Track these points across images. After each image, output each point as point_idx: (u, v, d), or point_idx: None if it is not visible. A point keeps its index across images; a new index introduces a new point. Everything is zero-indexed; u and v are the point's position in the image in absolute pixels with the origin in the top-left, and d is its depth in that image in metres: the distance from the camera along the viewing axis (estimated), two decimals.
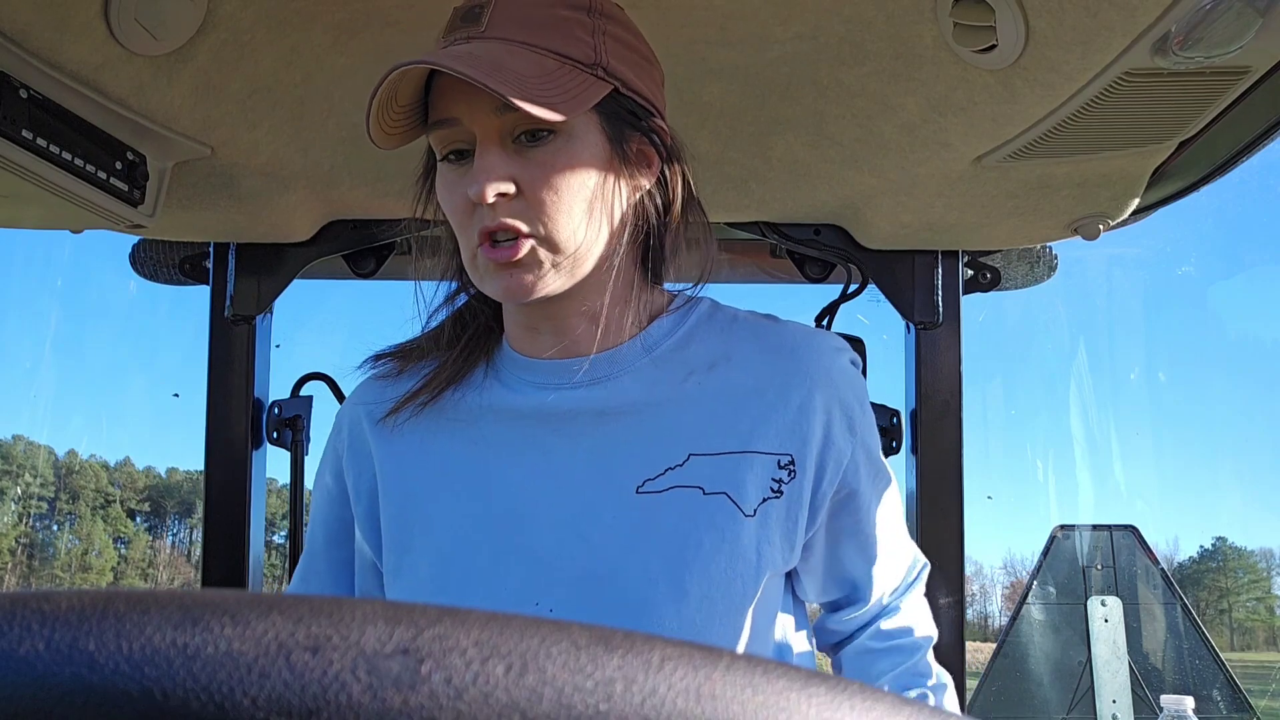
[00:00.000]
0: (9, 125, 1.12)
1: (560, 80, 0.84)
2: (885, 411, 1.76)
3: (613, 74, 0.88)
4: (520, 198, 0.85)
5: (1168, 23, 0.98)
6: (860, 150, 1.42)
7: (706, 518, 0.89)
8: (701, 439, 0.91)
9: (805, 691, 0.25)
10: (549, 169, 0.85)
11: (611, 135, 0.89)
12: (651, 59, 0.95)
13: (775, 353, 0.95)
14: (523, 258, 0.86)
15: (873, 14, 1.18)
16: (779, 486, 0.92)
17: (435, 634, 0.24)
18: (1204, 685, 4.43)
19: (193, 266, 1.75)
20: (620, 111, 0.89)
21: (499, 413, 0.96)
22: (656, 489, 0.90)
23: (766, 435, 0.92)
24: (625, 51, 0.90)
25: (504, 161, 0.85)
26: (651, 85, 0.93)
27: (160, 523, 73.61)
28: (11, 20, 1.06)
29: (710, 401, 0.93)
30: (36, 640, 0.24)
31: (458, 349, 0.99)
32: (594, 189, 0.87)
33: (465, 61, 0.80)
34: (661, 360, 0.95)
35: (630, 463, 0.91)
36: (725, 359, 0.95)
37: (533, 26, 0.86)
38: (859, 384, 0.98)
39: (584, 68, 0.86)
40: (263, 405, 1.76)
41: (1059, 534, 4.60)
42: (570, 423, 0.93)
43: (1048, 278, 1.83)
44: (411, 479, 0.97)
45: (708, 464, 0.90)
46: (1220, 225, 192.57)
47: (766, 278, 1.92)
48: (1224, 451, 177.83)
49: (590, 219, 0.87)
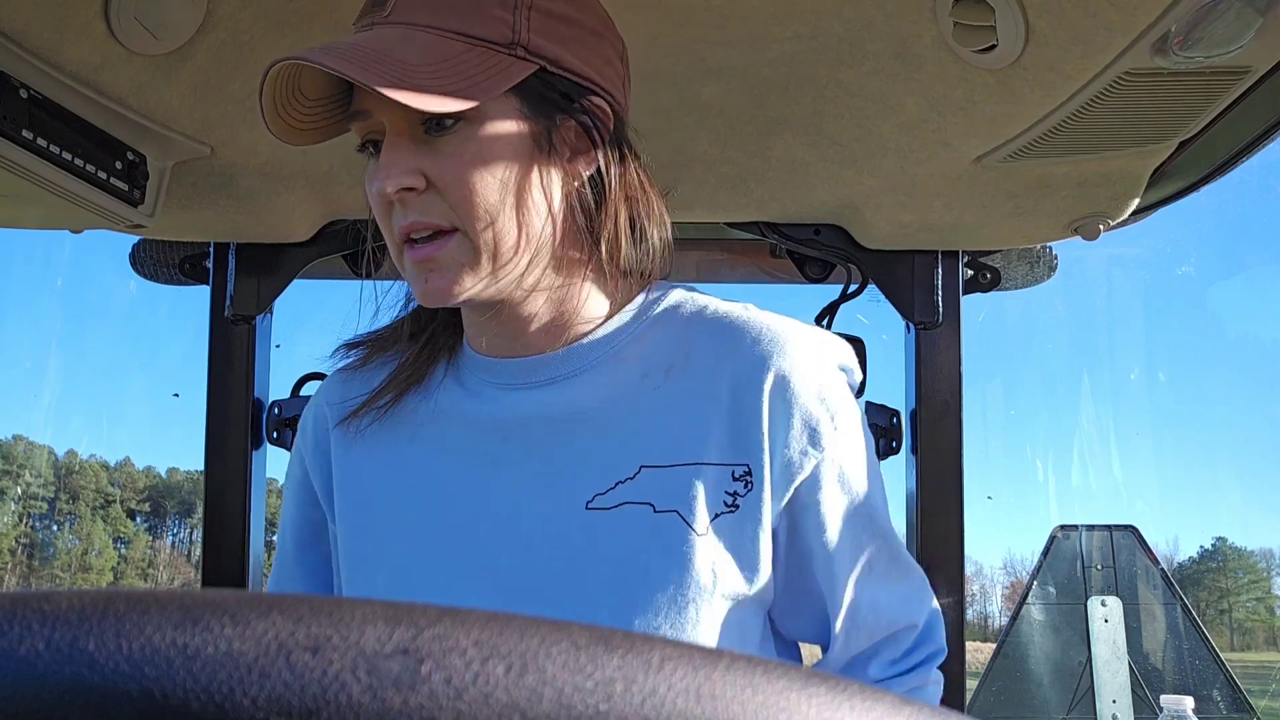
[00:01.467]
0: (9, 125, 1.13)
1: (463, 65, 0.78)
2: (885, 411, 1.76)
3: (536, 52, 0.81)
4: (432, 191, 0.80)
5: (1168, 23, 0.98)
6: (860, 150, 1.42)
7: (656, 538, 0.83)
8: (654, 449, 0.85)
9: (805, 691, 0.25)
10: (457, 160, 0.80)
11: (534, 120, 0.82)
12: (600, 30, 0.87)
13: (735, 352, 0.87)
14: (440, 256, 0.81)
15: (872, 13, 1.18)
16: (733, 500, 0.85)
17: (435, 634, 0.24)
18: (1204, 685, 4.43)
19: (193, 266, 1.75)
20: (546, 93, 0.82)
21: (456, 419, 0.91)
22: (606, 505, 0.84)
23: (721, 444, 0.85)
24: (558, 26, 0.83)
25: (411, 154, 0.80)
26: (595, 60, 0.85)
27: (160, 523, 73.62)
28: (11, 20, 1.06)
29: (664, 408, 0.86)
30: (36, 640, 0.24)
31: (419, 345, 0.95)
32: (513, 180, 0.81)
33: (344, 54, 0.76)
34: (621, 359, 0.89)
35: (581, 476, 0.86)
36: (683, 359, 0.88)
37: (440, 7, 0.80)
38: (834, 389, 0.88)
39: (498, 48, 0.80)
40: (263, 405, 1.77)
41: (1059, 534, 4.60)
42: (524, 432, 0.88)
43: (1048, 278, 1.83)
44: (367, 489, 0.94)
45: (659, 477, 0.84)
46: (1220, 225, 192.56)
47: (766, 278, 1.92)
48: (1224, 451, 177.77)
49: (512, 213, 0.81)
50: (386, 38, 0.79)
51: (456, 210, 0.80)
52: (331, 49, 0.76)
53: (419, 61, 0.77)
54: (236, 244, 1.70)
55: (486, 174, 0.80)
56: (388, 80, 0.74)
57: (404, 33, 0.79)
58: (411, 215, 0.81)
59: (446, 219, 0.81)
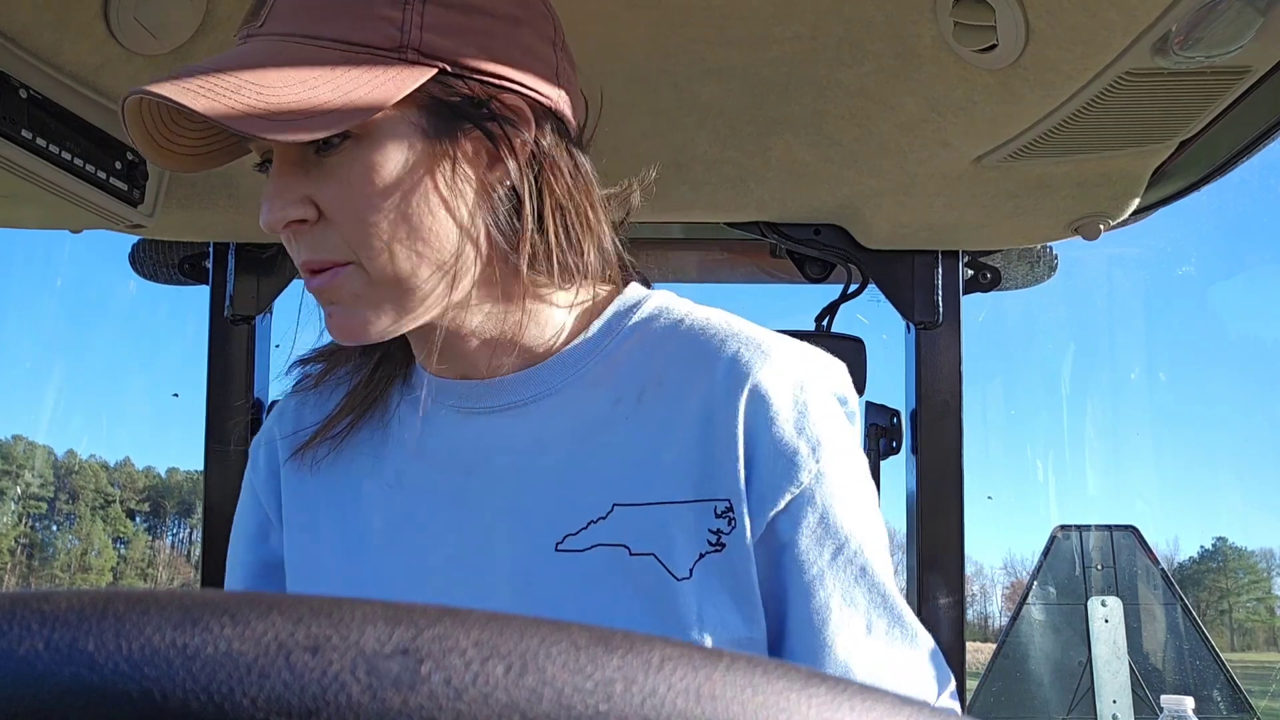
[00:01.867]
0: (9, 125, 1.13)
1: (339, 79, 0.68)
2: (885, 411, 1.76)
3: (432, 54, 0.71)
4: (324, 222, 0.72)
5: (1168, 23, 0.98)
6: (860, 150, 1.42)
7: (632, 585, 0.74)
8: (627, 486, 0.76)
9: (805, 691, 0.25)
10: (345, 182, 0.71)
11: (433, 131, 0.72)
12: (519, 15, 0.75)
13: (710, 371, 0.77)
14: (332, 289, 0.73)
15: (872, 13, 1.18)
16: (718, 539, 0.75)
17: (435, 634, 0.24)
18: (1204, 685, 4.44)
19: (192, 266, 1.75)
20: (448, 99, 0.72)
21: (415, 451, 0.83)
22: (577, 547, 0.75)
23: (698, 477, 0.75)
24: (460, 18, 0.72)
25: (298, 181, 0.71)
26: (512, 51, 0.74)
27: (160, 523, 73.63)
28: (11, 20, 1.06)
29: (638, 439, 0.77)
30: (36, 640, 0.24)
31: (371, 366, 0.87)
32: (412, 201, 0.71)
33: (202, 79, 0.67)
34: (589, 381, 0.80)
35: (549, 515, 0.77)
36: (656, 384, 0.78)
37: (316, 12, 0.70)
38: (818, 413, 0.77)
39: (385, 54, 0.70)
40: (263, 405, 1.77)
41: (1059, 534, 4.60)
42: (487, 465, 0.80)
43: (1048, 278, 1.83)
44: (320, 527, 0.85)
45: (634, 516, 0.75)
46: (1220, 225, 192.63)
47: (766, 278, 1.92)
48: (1224, 451, 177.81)
49: (413, 240, 0.72)
50: (252, 55, 0.70)
51: (350, 242, 0.71)
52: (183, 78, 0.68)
53: (281, 81, 0.68)
54: (236, 244, 1.70)
55: (378, 199, 0.71)
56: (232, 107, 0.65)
57: (272, 46, 0.70)
58: (305, 252, 0.73)
59: (340, 253, 0.72)
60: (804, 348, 0.81)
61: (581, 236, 0.78)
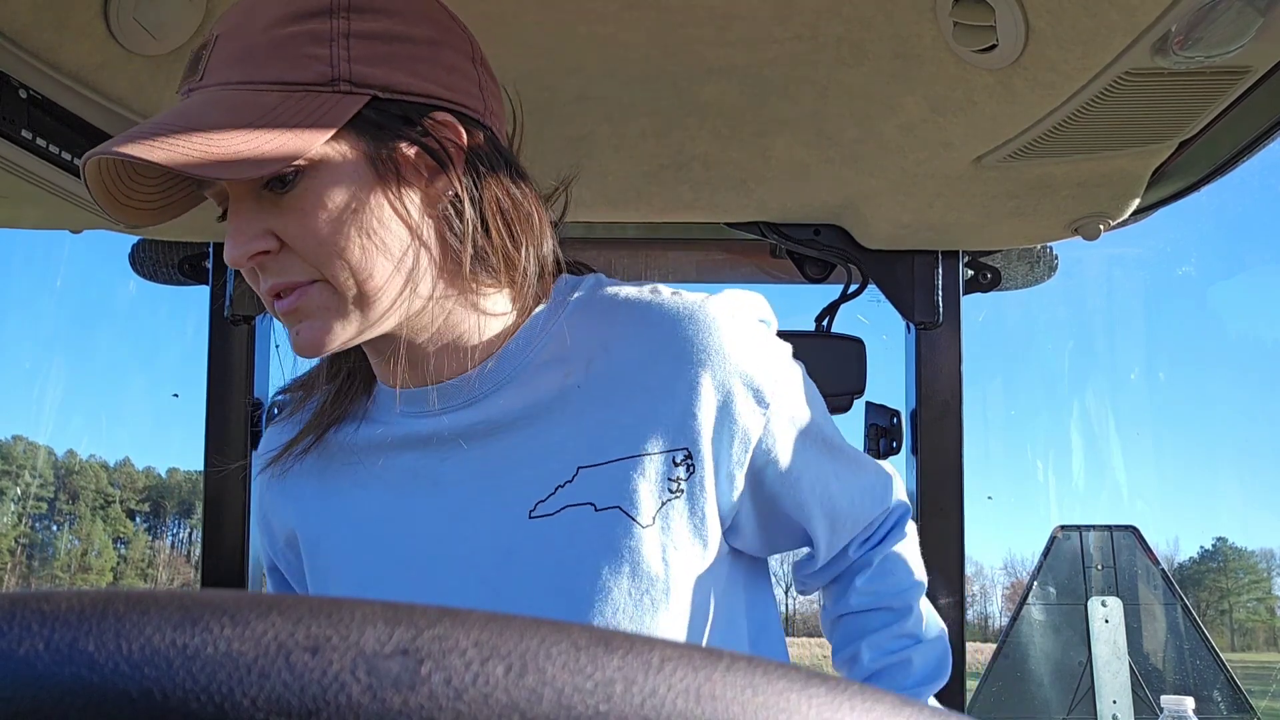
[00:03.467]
0: (9, 125, 1.13)
1: (279, 117, 0.73)
2: (885, 411, 1.76)
3: (363, 83, 0.76)
4: (286, 250, 0.77)
5: (1168, 23, 0.98)
6: (860, 150, 1.42)
7: (601, 538, 0.83)
8: (588, 448, 0.83)
9: (805, 692, 0.25)
10: (303, 214, 0.76)
11: (374, 152, 0.78)
12: (437, 38, 0.81)
13: (655, 336, 0.85)
14: (304, 306, 0.78)
15: (872, 13, 1.18)
16: (678, 485, 0.84)
17: (435, 634, 0.24)
18: (1204, 686, 4.44)
19: (192, 266, 1.75)
20: (383, 122, 0.78)
21: (385, 448, 0.90)
22: (549, 511, 0.83)
23: (657, 431, 0.83)
24: (384, 47, 0.78)
25: (257, 217, 0.77)
26: (435, 72, 0.80)
27: (160, 523, 73.65)
28: (11, 20, 1.07)
29: (592, 404, 0.84)
30: (36, 640, 0.24)
31: (337, 384, 0.93)
32: (365, 221, 0.77)
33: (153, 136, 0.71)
34: (540, 363, 0.86)
35: (520, 485, 0.84)
36: (603, 351, 0.85)
37: (250, 60, 0.75)
38: (764, 348, 0.87)
39: (318, 89, 0.75)
40: (262, 405, 1.77)
41: (1059, 534, 4.60)
42: (455, 449, 0.87)
43: (1048, 278, 1.83)
44: (317, 528, 0.93)
45: (597, 475, 0.83)
46: (1220, 225, 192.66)
47: (766, 278, 1.92)
48: (1224, 451, 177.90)
49: (372, 254, 0.77)
50: (194, 106, 0.75)
51: (313, 263, 0.77)
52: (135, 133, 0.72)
53: (226, 125, 0.72)
54: None
55: (334, 222, 0.76)
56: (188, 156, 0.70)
57: (214, 96, 0.75)
58: (271, 277, 0.78)
59: (306, 274, 0.78)
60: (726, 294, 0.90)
61: (523, 233, 0.84)
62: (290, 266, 0.78)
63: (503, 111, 0.88)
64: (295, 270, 0.78)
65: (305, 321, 0.79)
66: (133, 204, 0.81)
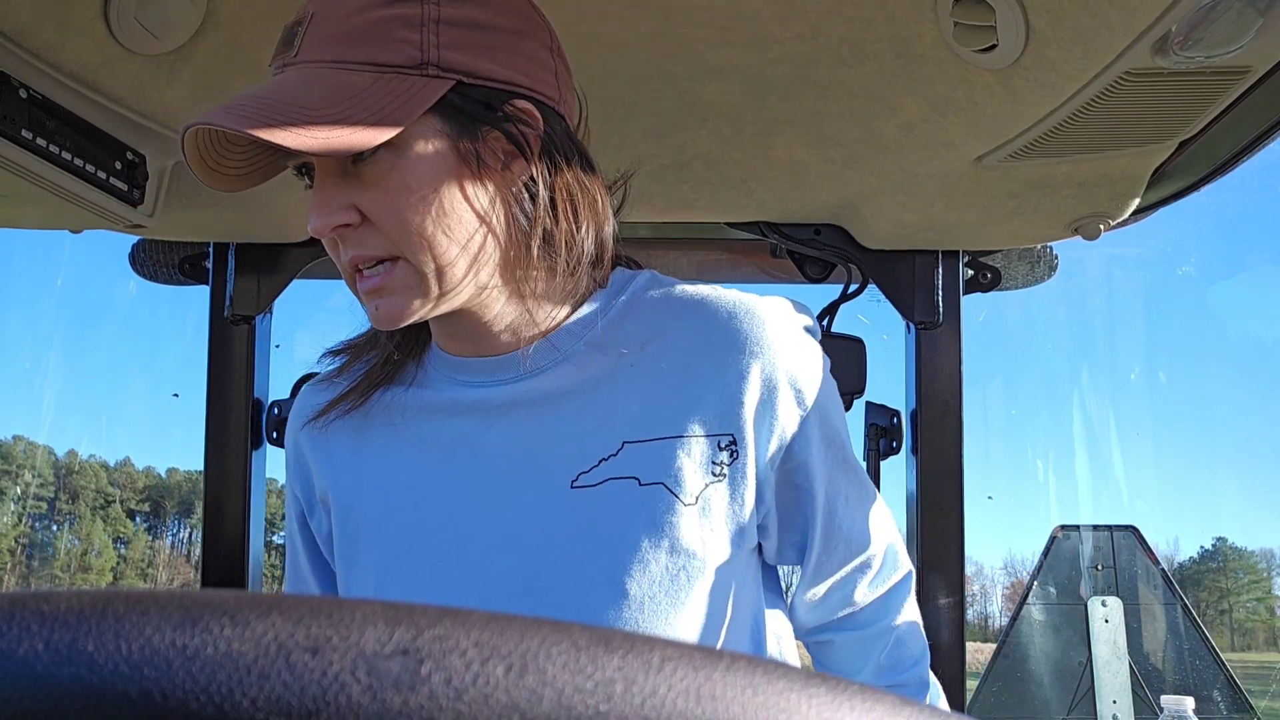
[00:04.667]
0: (9, 125, 1.13)
1: (372, 97, 0.77)
2: (885, 411, 1.76)
3: (450, 68, 0.80)
4: (368, 224, 0.81)
5: (1168, 23, 0.98)
6: (860, 150, 1.42)
7: (643, 511, 0.85)
8: (635, 424, 0.86)
9: (805, 692, 0.25)
10: (384, 189, 0.80)
11: (456, 135, 0.81)
12: (520, 27, 0.85)
13: (710, 326, 0.88)
14: (387, 284, 0.82)
15: (873, 14, 1.18)
16: (720, 469, 0.87)
17: (435, 634, 0.24)
18: (1204, 685, 4.44)
19: (193, 266, 1.75)
20: (466, 107, 0.81)
21: (431, 411, 0.92)
22: (591, 482, 0.85)
23: (704, 415, 0.86)
24: (470, 34, 0.81)
25: (341, 190, 0.80)
26: (517, 60, 0.83)
27: (160, 523, 73.64)
28: (11, 20, 1.06)
29: (643, 383, 0.87)
30: (35, 641, 0.24)
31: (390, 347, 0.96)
32: (444, 201, 0.80)
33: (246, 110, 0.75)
34: (594, 344, 0.90)
35: (564, 456, 0.87)
36: (659, 335, 0.89)
37: (344, 40, 0.79)
38: (811, 354, 0.91)
39: (409, 72, 0.79)
40: (262, 405, 1.77)
41: (1059, 534, 4.60)
42: (502, 417, 0.89)
43: (1048, 278, 1.83)
44: (350, 490, 0.95)
45: (643, 451, 0.86)
46: (1220, 225, 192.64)
47: (766, 278, 1.92)
48: (1224, 451, 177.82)
49: (449, 233, 0.81)
50: (291, 82, 0.78)
51: (393, 239, 0.81)
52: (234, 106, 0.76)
53: (323, 102, 0.76)
54: (236, 244, 1.70)
55: (415, 200, 0.80)
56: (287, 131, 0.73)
57: (310, 73, 0.78)
58: (352, 249, 0.82)
59: (385, 249, 0.81)
60: (780, 300, 0.94)
61: (589, 221, 0.88)
62: (369, 240, 0.81)
63: (574, 101, 0.91)
64: (374, 244, 0.81)
65: (383, 299, 0.83)
66: (221, 170, 0.83)
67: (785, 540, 0.96)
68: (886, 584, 1.00)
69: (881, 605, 1.00)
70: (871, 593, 0.99)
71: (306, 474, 1.00)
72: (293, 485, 1.03)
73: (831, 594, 0.99)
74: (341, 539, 0.96)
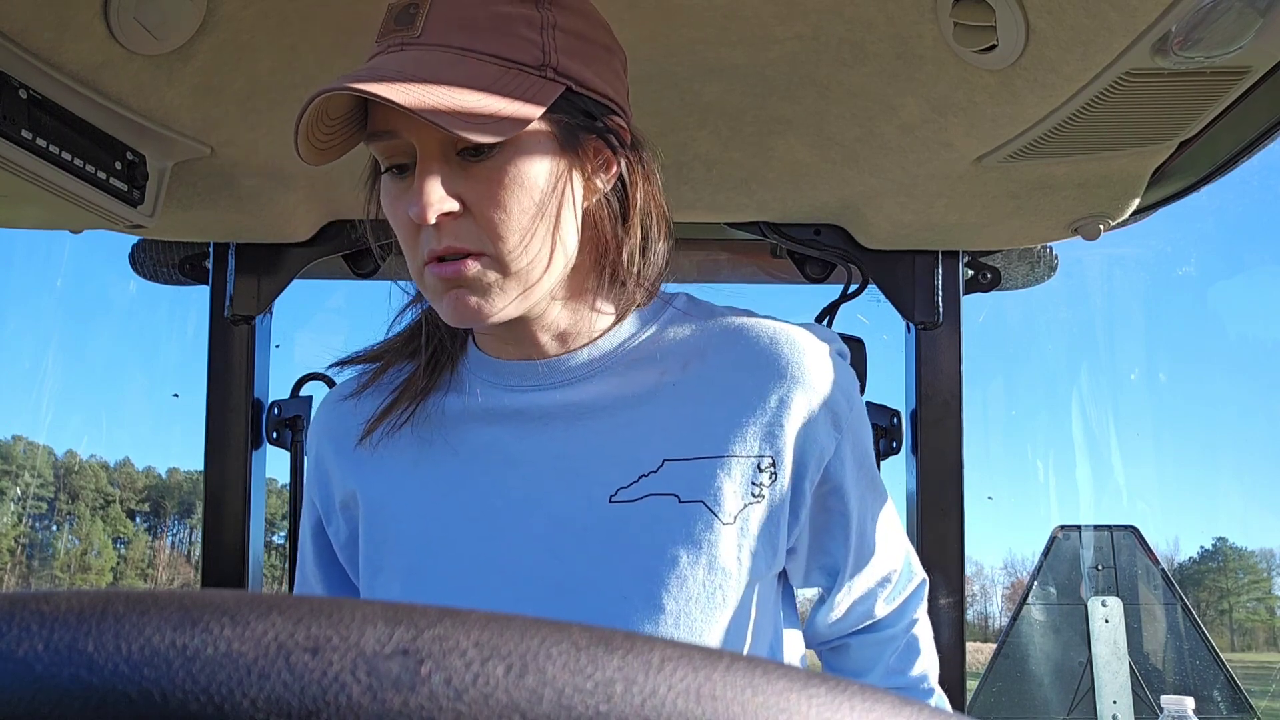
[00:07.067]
0: (9, 125, 1.12)
1: (503, 90, 0.77)
2: (885, 411, 1.76)
3: (563, 73, 0.81)
4: (467, 216, 0.80)
5: (1168, 23, 0.98)
6: (860, 150, 1.42)
7: (682, 528, 0.85)
8: (676, 443, 0.87)
9: (805, 692, 0.25)
10: (495, 185, 0.79)
11: (564, 140, 0.82)
12: (610, 45, 0.87)
13: (752, 350, 0.90)
14: (470, 276, 0.81)
15: (873, 14, 1.17)
16: (759, 490, 0.88)
17: (435, 635, 0.24)
18: (1204, 686, 4.43)
19: (192, 266, 1.75)
20: (573, 113, 0.82)
21: (468, 419, 0.92)
22: (630, 498, 0.86)
23: (745, 437, 0.87)
24: (578, 44, 0.83)
25: (447, 179, 0.79)
26: (609, 76, 0.86)
27: (160, 523, 73.61)
28: (11, 20, 1.06)
29: (685, 402, 0.88)
30: (35, 641, 0.24)
31: (427, 355, 0.94)
32: (545, 201, 0.81)
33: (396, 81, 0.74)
34: (635, 359, 0.90)
35: (603, 470, 0.87)
36: (699, 356, 0.90)
37: (472, 28, 0.79)
38: (845, 377, 0.93)
39: (530, 70, 0.79)
40: (262, 405, 1.77)
41: (1059, 534, 4.59)
42: (541, 428, 0.89)
43: (1048, 278, 1.83)
44: (381, 495, 0.94)
45: (683, 469, 0.86)
46: (1220, 225, 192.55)
47: (767, 278, 1.92)
48: (1224, 451, 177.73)
49: (541, 233, 0.81)
50: (428, 63, 0.77)
51: (489, 234, 0.80)
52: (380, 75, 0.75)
53: (466, 85, 0.76)
54: (236, 244, 1.70)
55: (523, 198, 0.80)
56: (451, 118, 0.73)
57: (440, 56, 0.78)
58: (446, 240, 0.80)
59: (477, 243, 0.80)
60: (815, 326, 0.96)
61: (658, 234, 0.91)
62: (465, 232, 0.80)
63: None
64: (469, 237, 0.80)
65: (465, 291, 0.81)
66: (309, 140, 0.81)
67: (814, 563, 0.98)
68: (903, 595, 1.03)
69: (897, 613, 1.02)
70: (889, 605, 1.01)
71: (327, 481, 0.99)
72: (311, 492, 1.02)
73: (854, 609, 1.00)
74: (368, 543, 0.95)
